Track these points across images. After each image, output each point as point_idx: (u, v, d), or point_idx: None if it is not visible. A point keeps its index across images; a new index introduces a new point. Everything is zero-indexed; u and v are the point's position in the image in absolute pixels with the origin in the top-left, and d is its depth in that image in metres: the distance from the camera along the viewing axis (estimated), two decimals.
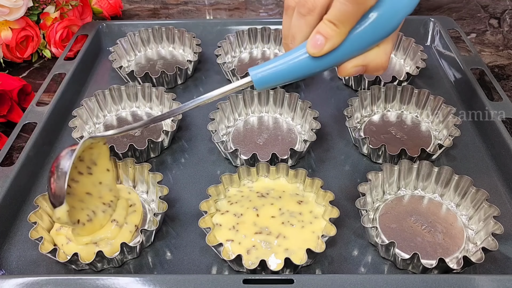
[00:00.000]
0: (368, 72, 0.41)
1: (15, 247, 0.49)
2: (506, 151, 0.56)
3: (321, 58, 0.39)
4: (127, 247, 0.46)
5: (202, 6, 0.98)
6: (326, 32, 0.38)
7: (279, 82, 0.41)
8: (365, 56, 0.40)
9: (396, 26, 0.39)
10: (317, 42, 0.38)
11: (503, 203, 0.53)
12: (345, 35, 0.38)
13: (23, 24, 0.76)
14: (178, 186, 0.56)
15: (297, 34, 0.41)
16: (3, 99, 0.65)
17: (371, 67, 0.40)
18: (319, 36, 0.38)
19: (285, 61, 0.40)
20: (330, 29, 0.38)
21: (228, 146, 0.60)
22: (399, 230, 0.49)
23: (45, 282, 0.42)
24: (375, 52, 0.40)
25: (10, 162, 0.57)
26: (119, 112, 0.66)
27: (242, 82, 0.41)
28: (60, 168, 0.42)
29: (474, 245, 0.48)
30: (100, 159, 0.48)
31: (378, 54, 0.40)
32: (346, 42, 0.39)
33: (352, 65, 0.40)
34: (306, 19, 0.40)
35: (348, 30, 0.38)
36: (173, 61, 0.76)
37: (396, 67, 0.73)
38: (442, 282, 0.41)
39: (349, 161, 0.59)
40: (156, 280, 0.41)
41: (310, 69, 0.40)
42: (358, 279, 0.42)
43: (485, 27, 0.88)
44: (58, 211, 0.42)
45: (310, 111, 0.60)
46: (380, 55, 0.40)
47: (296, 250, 0.46)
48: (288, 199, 0.52)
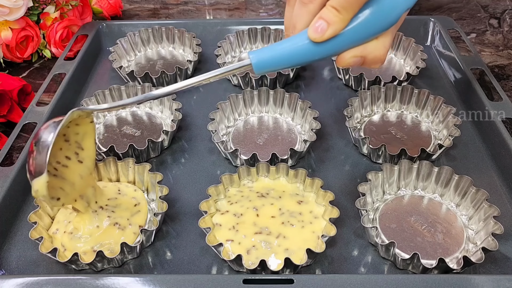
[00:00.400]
0: (366, 64, 0.41)
1: (15, 247, 0.49)
2: (506, 151, 0.56)
3: (321, 44, 0.39)
4: (127, 247, 0.46)
5: (202, 6, 0.98)
6: (328, 18, 0.38)
7: (278, 67, 0.41)
8: (364, 47, 0.40)
9: (396, 19, 0.39)
10: (319, 28, 0.38)
11: (503, 203, 0.53)
12: (347, 21, 0.38)
13: (23, 24, 0.76)
14: (178, 186, 0.56)
15: (299, 22, 0.41)
16: (3, 99, 0.65)
17: (369, 58, 0.41)
18: (321, 22, 0.38)
19: (286, 46, 0.40)
20: (332, 15, 0.38)
21: (228, 146, 0.60)
22: (399, 230, 0.49)
23: (45, 282, 0.42)
24: (374, 44, 0.40)
25: (10, 162, 0.57)
26: (119, 112, 0.66)
27: (241, 64, 0.41)
28: (42, 140, 0.39)
29: (474, 245, 0.48)
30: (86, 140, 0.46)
31: (377, 46, 0.40)
32: (346, 30, 0.39)
33: (350, 55, 0.40)
34: (308, 7, 0.40)
35: (350, 17, 0.38)
36: (173, 61, 0.76)
37: (396, 67, 0.73)
38: (442, 282, 0.41)
39: (349, 161, 0.59)
40: (156, 280, 0.41)
41: (310, 55, 0.40)
42: (358, 279, 0.42)
43: (485, 27, 0.88)
44: (36, 182, 0.39)
45: (310, 111, 0.60)
46: (379, 47, 0.40)
47: (296, 250, 0.46)
48: (288, 199, 0.52)
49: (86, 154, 0.46)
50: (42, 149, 0.39)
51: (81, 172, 0.46)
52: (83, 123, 0.45)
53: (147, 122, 0.64)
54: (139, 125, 0.64)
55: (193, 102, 0.69)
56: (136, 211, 0.50)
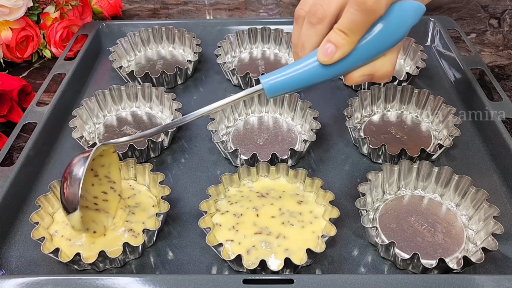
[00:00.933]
0: (374, 80, 0.42)
1: (15, 247, 0.49)
2: (506, 151, 0.56)
3: (331, 66, 0.40)
4: (129, 247, 0.46)
5: (202, 6, 0.98)
6: (336, 41, 0.39)
7: (290, 90, 0.42)
8: (372, 66, 0.41)
9: (403, 35, 0.40)
10: (327, 51, 0.39)
11: (503, 203, 0.53)
12: (355, 43, 0.39)
13: (23, 24, 0.76)
14: (178, 186, 0.56)
15: (307, 43, 0.41)
16: (3, 99, 0.65)
17: (377, 76, 0.41)
18: (330, 45, 0.39)
19: (295, 69, 0.41)
20: (340, 38, 0.39)
21: (228, 146, 0.60)
22: (399, 230, 0.49)
23: (45, 282, 0.42)
24: (382, 61, 0.41)
25: (10, 162, 0.57)
26: (119, 112, 0.66)
27: (254, 89, 0.42)
28: (74, 174, 0.43)
29: (474, 245, 0.48)
30: (112, 171, 0.49)
31: (385, 63, 0.41)
32: (355, 51, 0.39)
33: (359, 74, 0.41)
34: (316, 28, 0.40)
35: (358, 39, 0.39)
36: (173, 61, 0.76)
37: (396, 67, 0.73)
38: (442, 282, 0.41)
39: (349, 161, 0.59)
40: (156, 280, 0.41)
41: (320, 77, 0.41)
42: (358, 279, 0.42)
43: (485, 27, 0.88)
44: (72, 218, 0.43)
45: (310, 111, 0.60)
46: (386, 64, 0.41)
47: (296, 250, 0.46)
48: (288, 199, 0.52)
49: (117, 185, 0.50)
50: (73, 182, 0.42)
51: (116, 201, 0.50)
52: (106, 154, 0.48)
53: (147, 122, 0.64)
54: (139, 125, 0.64)
55: (193, 102, 0.69)
56: (151, 215, 0.50)
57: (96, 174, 0.48)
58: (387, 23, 0.38)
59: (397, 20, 0.39)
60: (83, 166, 0.43)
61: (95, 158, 0.46)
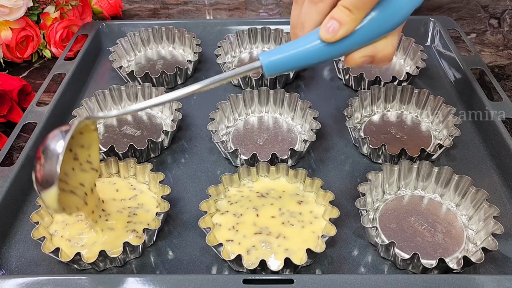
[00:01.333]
0: (375, 62, 0.41)
1: (15, 247, 0.49)
2: (506, 151, 0.56)
3: (333, 44, 0.39)
4: (130, 246, 0.46)
5: (202, 6, 0.98)
6: (340, 18, 0.38)
7: (289, 68, 0.41)
8: (374, 47, 0.40)
9: (406, 17, 0.39)
10: (330, 28, 0.38)
11: (503, 203, 0.53)
12: (359, 21, 0.38)
13: (23, 24, 0.76)
14: (178, 186, 0.56)
15: (307, 21, 0.41)
16: (3, 99, 0.65)
17: (378, 57, 0.41)
18: (333, 22, 0.38)
19: (296, 46, 0.40)
20: (344, 15, 0.38)
21: (228, 146, 0.60)
22: (399, 230, 0.49)
23: (46, 282, 0.42)
24: (384, 43, 0.40)
25: (10, 162, 0.57)
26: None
27: (252, 66, 0.41)
28: (51, 150, 0.38)
29: (474, 245, 0.48)
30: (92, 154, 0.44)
31: (386, 45, 0.40)
32: (358, 30, 0.39)
33: (360, 55, 0.40)
34: (317, 6, 0.40)
35: (362, 17, 0.38)
36: (173, 61, 0.76)
37: (396, 67, 0.73)
38: (442, 282, 0.41)
39: (349, 161, 0.59)
40: (156, 280, 0.41)
41: (321, 56, 0.40)
42: (358, 279, 0.42)
43: (485, 27, 0.88)
44: (47, 195, 0.38)
45: (310, 111, 0.60)
46: (388, 46, 0.40)
47: (296, 250, 0.46)
48: (288, 199, 0.52)
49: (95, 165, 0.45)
50: (51, 159, 0.38)
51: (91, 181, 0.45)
52: (86, 131, 0.43)
53: (147, 122, 0.64)
54: (139, 125, 0.64)
55: (193, 102, 0.69)
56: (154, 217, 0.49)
57: (76, 158, 0.43)
58: (391, 2, 0.38)
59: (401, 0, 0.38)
60: (62, 140, 0.38)
61: (74, 136, 0.40)
